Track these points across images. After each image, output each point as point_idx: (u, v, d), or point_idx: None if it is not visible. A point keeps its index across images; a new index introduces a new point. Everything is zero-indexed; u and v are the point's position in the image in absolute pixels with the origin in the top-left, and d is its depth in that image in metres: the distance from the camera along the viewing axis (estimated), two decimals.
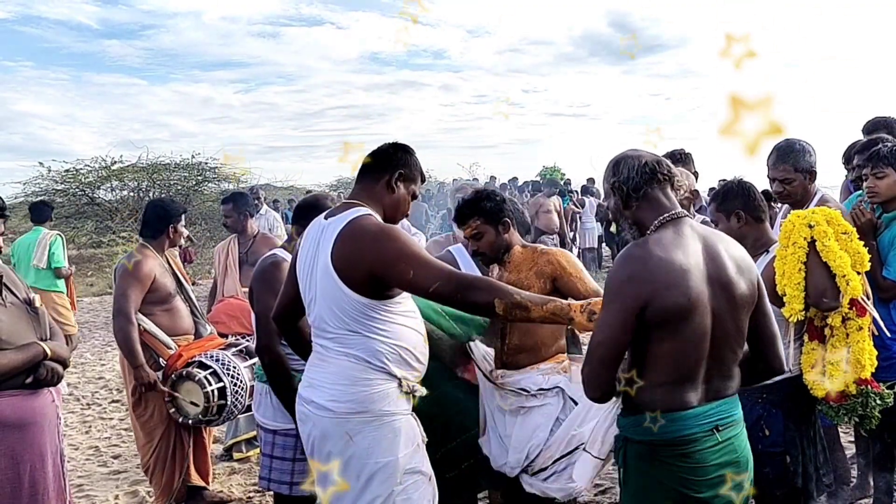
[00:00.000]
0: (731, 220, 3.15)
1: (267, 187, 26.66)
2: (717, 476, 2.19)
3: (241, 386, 4.15)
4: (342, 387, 2.58)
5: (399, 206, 2.78)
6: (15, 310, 3.01)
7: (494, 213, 3.35)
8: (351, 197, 2.76)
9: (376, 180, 2.75)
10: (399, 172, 2.75)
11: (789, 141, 3.70)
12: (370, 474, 2.57)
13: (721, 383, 2.23)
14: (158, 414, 4.34)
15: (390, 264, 2.50)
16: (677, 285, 2.08)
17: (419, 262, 2.50)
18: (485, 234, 3.36)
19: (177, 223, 4.57)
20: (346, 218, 2.62)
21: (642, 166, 2.26)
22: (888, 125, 4.72)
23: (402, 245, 2.53)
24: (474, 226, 3.35)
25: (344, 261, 2.54)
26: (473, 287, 2.50)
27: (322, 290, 2.61)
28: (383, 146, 2.82)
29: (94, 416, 6.99)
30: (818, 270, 3.00)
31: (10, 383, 2.87)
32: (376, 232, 2.56)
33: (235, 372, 4.15)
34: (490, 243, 3.37)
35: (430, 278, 2.48)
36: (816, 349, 3.05)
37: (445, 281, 2.47)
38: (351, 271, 2.54)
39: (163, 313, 4.44)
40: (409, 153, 2.82)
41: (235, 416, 4.39)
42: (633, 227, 2.32)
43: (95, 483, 5.32)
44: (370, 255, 2.51)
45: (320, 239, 2.65)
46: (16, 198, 22.76)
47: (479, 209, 3.34)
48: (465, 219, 3.38)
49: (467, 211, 3.38)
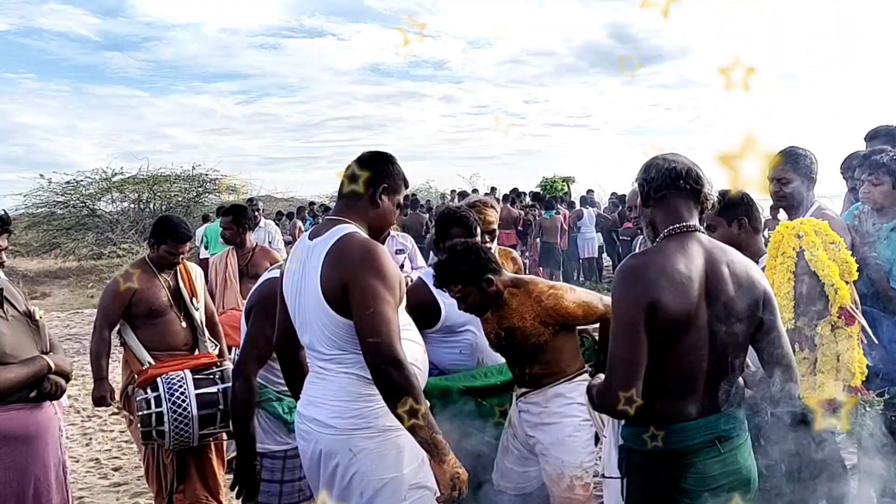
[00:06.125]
0: (731, 227, 3.19)
1: (267, 199, 26.74)
2: (719, 487, 2.21)
3: (184, 415, 3.89)
4: (344, 403, 2.54)
5: (385, 219, 2.72)
6: (17, 323, 3.02)
7: (474, 276, 3.17)
8: (335, 213, 2.71)
9: (360, 195, 2.66)
10: (382, 186, 2.67)
11: (793, 146, 3.74)
12: (375, 490, 2.53)
13: (723, 396, 2.25)
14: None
15: (358, 290, 2.45)
16: (676, 293, 2.11)
17: (381, 310, 2.43)
18: (469, 294, 3.20)
19: (163, 244, 4.52)
20: (331, 239, 2.56)
21: (669, 170, 2.29)
22: (890, 133, 4.74)
23: (380, 285, 2.46)
24: (456, 290, 3.21)
25: (331, 284, 2.50)
26: (399, 370, 2.39)
27: (312, 314, 2.56)
28: (363, 157, 2.73)
29: (95, 428, 7.01)
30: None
31: (15, 397, 2.89)
32: (361, 254, 2.50)
33: (181, 399, 3.91)
34: (476, 301, 3.22)
35: (377, 332, 2.40)
36: (807, 358, 3.09)
37: (386, 346, 2.39)
38: (336, 294, 2.49)
39: (149, 328, 4.47)
40: (391, 162, 2.74)
41: (187, 444, 4.05)
42: (648, 228, 2.37)
43: (96, 495, 5.33)
44: (347, 275, 2.46)
45: (306, 261, 2.60)
46: (16, 210, 22.81)
47: (457, 274, 3.18)
48: (444, 284, 3.23)
49: (445, 277, 3.21)
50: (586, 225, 16.51)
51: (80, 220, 22.69)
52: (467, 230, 3.55)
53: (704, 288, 2.18)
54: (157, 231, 4.57)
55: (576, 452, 3.16)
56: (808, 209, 3.66)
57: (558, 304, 3.15)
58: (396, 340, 2.43)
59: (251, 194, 25.05)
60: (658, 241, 2.29)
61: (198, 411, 3.98)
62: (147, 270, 4.56)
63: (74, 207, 22.90)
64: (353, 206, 2.68)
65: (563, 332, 3.19)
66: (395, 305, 2.50)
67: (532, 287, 3.23)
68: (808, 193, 3.71)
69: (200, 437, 4.11)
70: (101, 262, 20.56)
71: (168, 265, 4.61)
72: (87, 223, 22.61)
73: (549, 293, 3.18)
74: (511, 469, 3.34)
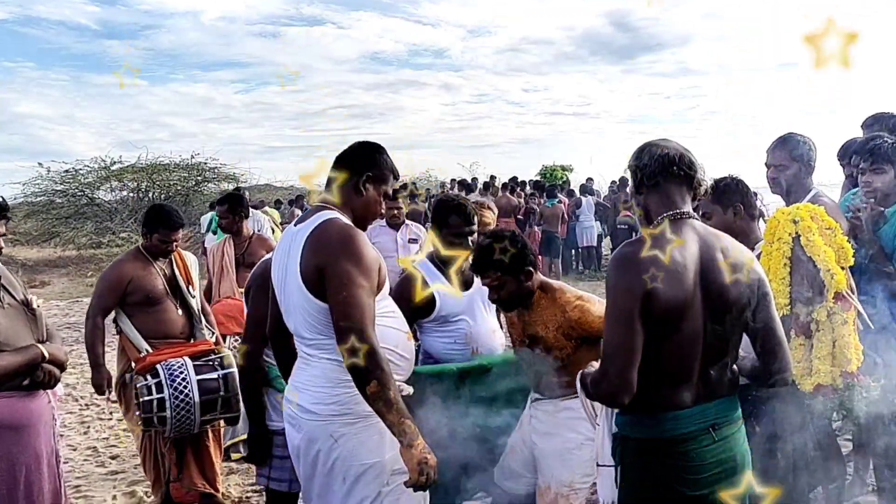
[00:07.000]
0: (727, 213, 3.18)
1: (266, 187, 26.71)
2: (714, 474, 2.21)
3: (186, 401, 3.95)
4: (325, 389, 2.57)
5: (369, 208, 2.72)
6: (13, 311, 3.00)
7: (517, 263, 3.04)
8: (321, 200, 2.72)
9: (345, 184, 2.68)
10: (367, 174, 2.68)
11: (791, 132, 3.71)
12: (356, 476, 2.56)
13: (717, 383, 2.25)
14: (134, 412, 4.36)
15: (332, 274, 2.46)
16: (671, 281, 2.10)
17: (355, 294, 2.43)
18: (506, 284, 3.08)
19: (155, 233, 4.51)
20: (312, 224, 2.57)
21: (662, 156, 2.27)
22: (887, 121, 4.72)
23: (355, 270, 2.47)
24: (494, 277, 3.07)
25: (309, 269, 2.51)
26: (369, 354, 2.39)
27: (294, 299, 2.58)
28: (352, 146, 2.75)
29: (93, 416, 7.00)
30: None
31: (7, 385, 2.89)
32: (337, 239, 2.52)
33: (182, 386, 3.96)
34: (511, 293, 3.10)
35: (349, 316, 2.42)
36: (803, 344, 3.08)
37: (357, 332, 2.40)
38: (313, 279, 2.50)
39: (145, 316, 4.47)
40: (379, 152, 2.75)
41: (188, 431, 4.13)
42: (641, 215, 2.35)
43: (93, 483, 5.33)
44: (323, 260, 2.48)
45: (290, 247, 2.61)
46: (15, 198, 22.79)
47: (498, 262, 3.03)
48: (483, 270, 3.10)
49: (486, 262, 3.07)
50: (585, 213, 16.50)
51: (79, 208, 22.67)
52: (465, 218, 3.52)
53: (699, 275, 2.16)
54: (150, 220, 4.57)
55: (569, 469, 3.09)
56: (806, 196, 3.64)
57: (583, 317, 3.03)
58: (368, 325, 2.44)
59: (251, 183, 25.07)
60: (652, 227, 2.27)
61: (199, 397, 4.03)
62: (142, 259, 4.56)
63: (73, 196, 22.88)
64: (337, 193, 2.69)
65: (586, 345, 3.05)
66: (370, 290, 2.51)
67: (559, 295, 3.13)
68: (805, 180, 3.69)
69: (201, 424, 4.15)
70: (101, 250, 20.60)
71: (162, 253, 4.60)
72: (85, 212, 22.59)
73: (574, 304, 3.07)
74: (514, 470, 3.31)
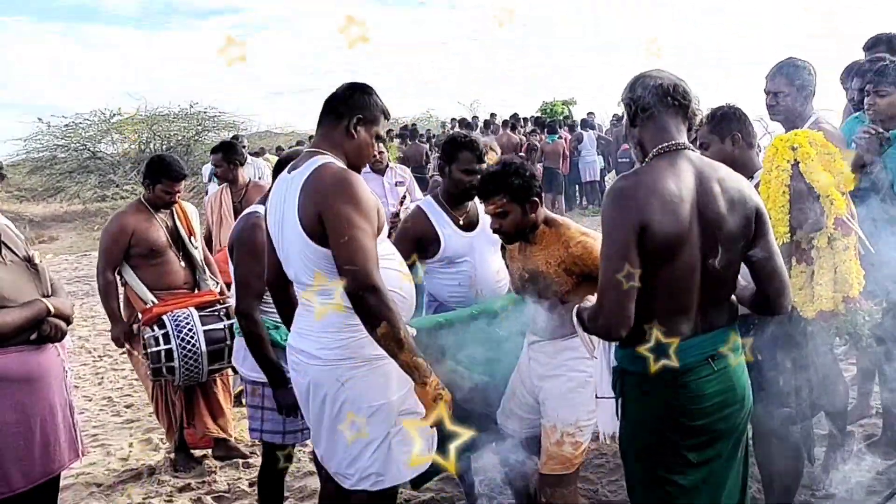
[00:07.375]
0: (725, 143, 3.14)
1: (267, 134, 26.58)
2: (713, 405, 2.23)
3: (193, 351, 4.05)
4: (330, 334, 2.57)
5: (361, 150, 2.69)
6: (15, 268, 3.02)
7: (523, 191, 3.02)
8: (314, 145, 2.70)
9: (335, 127, 2.65)
10: (357, 117, 2.64)
11: (791, 57, 3.64)
12: (365, 418, 2.58)
13: (715, 314, 2.25)
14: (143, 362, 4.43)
15: (332, 218, 2.44)
16: (667, 213, 2.08)
17: (356, 237, 2.43)
18: (510, 212, 3.04)
19: (158, 184, 4.53)
20: (306, 170, 2.55)
21: (656, 87, 2.23)
22: (889, 42, 4.63)
23: (354, 213, 2.46)
24: (499, 203, 3.03)
25: (307, 215, 2.50)
26: (376, 295, 2.40)
27: (294, 246, 2.57)
28: (339, 89, 2.70)
29: (107, 367, 7.11)
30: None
31: (15, 340, 2.92)
32: (333, 183, 2.50)
33: (189, 336, 4.06)
34: (514, 223, 3.07)
35: (353, 259, 2.41)
36: (804, 271, 3.08)
37: (362, 273, 2.40)
38: (313, 225, 2.49)
39: (149, 267, 4.51)
40: (368, 94, 2.69)
41: (196, 380, 4.27)
42: (636, 148, 2.33)
43: (110, 432, 5.46)
44: (321, 205, 2.46)
45: (286, 194, 2.60)
46: (17, 155, 22.75)
47: (506, 185, 3.01)
48: (489, 195, 3.06)
49: (492, 186, 3.04)
50: (587, 148, 16.42)
51: (82, 163, 22.63)
52: (477, 155, 3.50)
53: (696, 207, 2.15)
54: (152, 171, 4.56)
55: (574, 409, 3.09)
56: (806, 123, 3.59)
57: (585, 253, 2.99)
58: (373, 266, 2.43)
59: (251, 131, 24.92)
60: (647, 160, 2.25)
61: (206, 347, 4.09)
62: (144, 211, 4.58)
63: (75, 150, 22.82)
64: (329, 138, 2.66)
65: (586, 283, 3.00)
66: (371, 233, 2.49)
67: (564, 230, 3.10)
68: (805, 106, 3.63)
69: (209, 373, 4.23)
70: (106, 204, 20.65)
71: (164, 205, 4.62)
72: (88, 166, 22.56)
73: (578, 239, 3.04)
74: (515, 413, 3.33)
